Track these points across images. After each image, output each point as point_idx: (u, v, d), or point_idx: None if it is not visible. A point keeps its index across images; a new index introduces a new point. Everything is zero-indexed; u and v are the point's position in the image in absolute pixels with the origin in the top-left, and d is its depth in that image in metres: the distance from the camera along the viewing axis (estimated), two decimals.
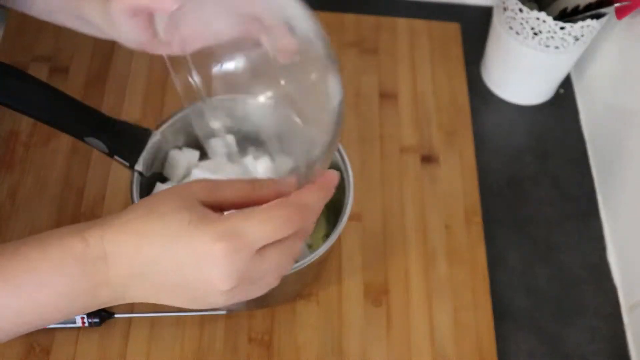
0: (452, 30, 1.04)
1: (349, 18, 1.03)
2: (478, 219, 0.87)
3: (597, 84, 0.97)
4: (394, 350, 0.77)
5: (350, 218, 0.75)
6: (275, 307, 0.79)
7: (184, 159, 0.76)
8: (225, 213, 0.47)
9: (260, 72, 0.66)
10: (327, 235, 0.75)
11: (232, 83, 0.67)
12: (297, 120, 0.70)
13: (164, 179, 0.76)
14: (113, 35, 0.64)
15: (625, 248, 0.86)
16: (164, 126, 0.74)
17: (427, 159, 0.91)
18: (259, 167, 0.74)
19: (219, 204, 0.47)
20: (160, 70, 0.94)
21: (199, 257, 0.44)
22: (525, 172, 0.93)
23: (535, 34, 0.88)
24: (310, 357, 0.76)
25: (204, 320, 0.77)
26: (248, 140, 0.76)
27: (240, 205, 0.47)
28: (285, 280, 0.49)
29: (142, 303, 0.77)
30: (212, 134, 0.74)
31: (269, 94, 0.72)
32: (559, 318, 0.83)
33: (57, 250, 0.46)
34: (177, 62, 0.62)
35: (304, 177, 0.51)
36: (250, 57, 0.65)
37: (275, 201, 0.46)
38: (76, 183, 0.85)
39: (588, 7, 0.87)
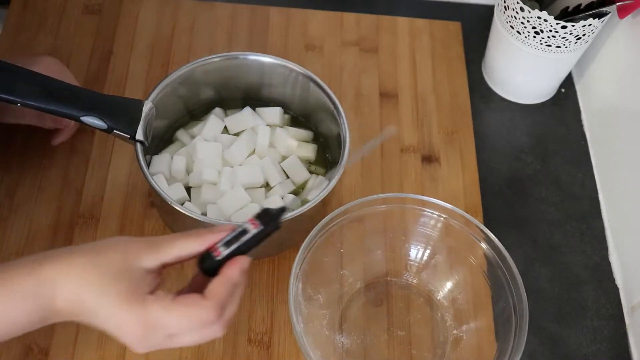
0: (453, 29, 1.04)
1: (349, 17, 1.03)
2: (479, 218, 0.86)
3: (598, 83, 0.96)
4: (395, 348, 0.77)
5: (352, 219, 0.75)
6: (275, 306, 0.79)
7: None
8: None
9: None
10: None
11: None
12: None
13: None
14: None
15: (627, 248, 0.85)
16: (153, 95, 0.76)
17: (428, 159, 0.91)
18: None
19: (163, 265, 0.55)
20: (158, 70, 0.94)
21: (119, 326, 0.53)
22: (527, 172, 0.93)
23: (537, 33, 0.87)
24: None
25: None
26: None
27: (183, 259, 0.55)
28: (281, 231, 0.58)
29: None
30: None
31: None
32: (560, 319, 0.83)
33: (15, 289, 0.53)
34: None
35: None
36: None
37: (194, 299, 0.54)
38: (75, 183, 0.84)
39: (589, 6, 0.86)
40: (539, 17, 0.85)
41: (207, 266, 0.56)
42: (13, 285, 0.53)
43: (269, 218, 0.57)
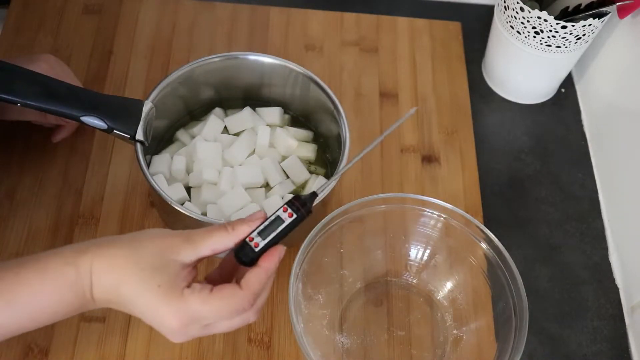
0: (453, 29, 1.04)
1: (349, 17, 1.03)
2: (479, 218, 0.86)
3: (598, 83, 0.96)
4: (395, 348, 0.77)
5: (352, 219, 0.75)
6: (275, 306, 0.79)
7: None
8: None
9: None
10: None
11: None
12: None
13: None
14: None
15: (627, 248, 0.85)
16: (153, 95, 0.76)
17: (428, 159, 0.91)
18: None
19: (200, 259, 0.56)
20: (158, 70, 0.94)
21: (159, 319, 0.55)
22: (527, 172, 0.93)
23: (537, 33, 0.87)
24: None
25: None
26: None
27: (219, 252, 0.57)
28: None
29: None
30: None
31: None
32: (560, 319, 0.82)
33: (55, 280, 0.55)
34: None
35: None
36: None
37: (232, 290, 0.55)
38: (75, 183, 0.84)
39: (589, 6, 0.86)
40: (539, 17, 0.85)
41: (245, 257, 0.57)
42: (53, 275, 0.55)
43: (300, 205, 0.58)
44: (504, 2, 0.89)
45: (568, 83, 1.01)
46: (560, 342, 0.81)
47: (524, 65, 0.93)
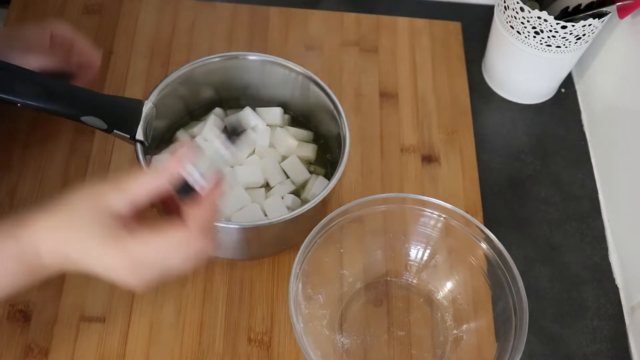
0: (453, 29, 1.04)
1: (349, 17, 1.03)
2: (479, 218, 0.86)
3: (598, 83, 0.96)
4: (395, 348, 0.77)
5: (352, 219, 0.75)
6: (275, 306, 0.79)
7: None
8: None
9: None
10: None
11: None
12: None
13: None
14: None
15: (627, 248, 0.85)
16: (153, 95, 0.76)
17: (428, 159, 0.91)
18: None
19: (134, 204, 0.56)
20: (158, 70, 0.94)
21: (107, 269, 0.56)
22: (527, 172, 0.93)
23: (537, 33, 0.87)
24: None
25: (203, 320, 0.77)
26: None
27: (153, 194, 0.57)
28: (281, 231, 0.60)
29: (140, 301, 0.77)
30: None
31: None
32: (560, 319, 0.82)
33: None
34: None
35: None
36: None
37: (171, 224, 0.56)
38: (75, 183, 0.84)
39: (589, 6, 0.86)
40: (539, 17, 0.85)
41: (183, 192, 0.57)
42: None
43: (233, 133, 0.59)
44: (504, 2, 0.89)
45: (568, 83, 1.01)
46: (560, 342, 0.81)
47: (524, 65, 0.93)
